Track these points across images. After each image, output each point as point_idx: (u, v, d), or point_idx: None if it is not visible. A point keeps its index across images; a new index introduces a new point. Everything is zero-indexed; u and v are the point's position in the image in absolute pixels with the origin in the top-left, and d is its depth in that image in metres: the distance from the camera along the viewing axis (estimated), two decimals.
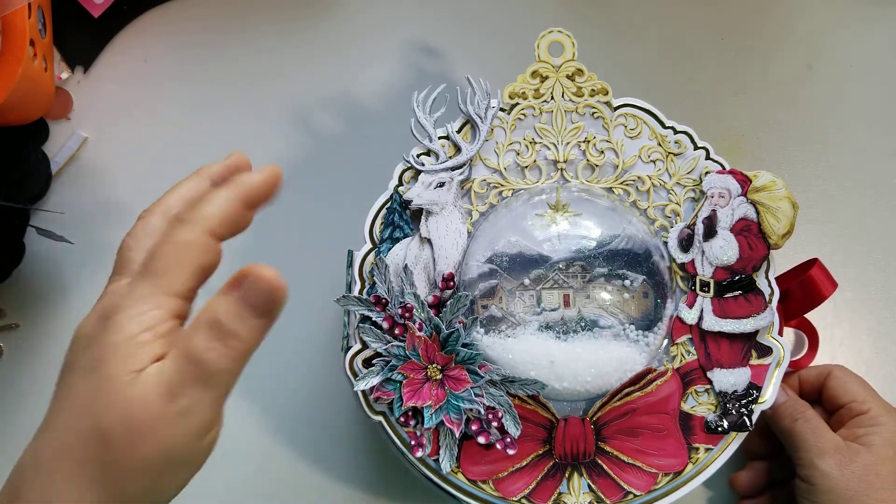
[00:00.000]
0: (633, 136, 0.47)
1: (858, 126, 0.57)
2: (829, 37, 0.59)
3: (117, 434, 0.29)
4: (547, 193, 0.47)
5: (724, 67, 0.58)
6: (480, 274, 0.45)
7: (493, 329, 0.45)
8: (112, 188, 0.56)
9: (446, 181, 0.45)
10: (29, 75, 0.49)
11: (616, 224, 0.46)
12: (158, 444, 0.29)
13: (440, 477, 0.45)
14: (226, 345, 0.30)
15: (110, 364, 0.29)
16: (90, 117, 0.57)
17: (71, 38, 0.57)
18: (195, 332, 0.30)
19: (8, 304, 0.55)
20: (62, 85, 0.57)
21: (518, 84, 0.47)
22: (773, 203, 0.45)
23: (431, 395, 0.43)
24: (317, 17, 0.58)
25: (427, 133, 0.46)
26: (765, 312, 0.45)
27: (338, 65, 0.58)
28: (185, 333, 0.30)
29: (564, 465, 0.45)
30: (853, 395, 0.47)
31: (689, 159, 0.47)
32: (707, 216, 0.46)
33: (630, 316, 0.45)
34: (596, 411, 0.45)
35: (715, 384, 0.45)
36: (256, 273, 0.30)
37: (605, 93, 0.47)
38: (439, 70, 0.57)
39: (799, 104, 0.58)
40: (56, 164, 0.56)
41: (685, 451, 0.45)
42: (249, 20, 0.58)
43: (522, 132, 0.47)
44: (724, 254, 0.45)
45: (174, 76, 0.57)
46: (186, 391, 0.29)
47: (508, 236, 0.46)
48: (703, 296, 0.46)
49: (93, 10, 0.56)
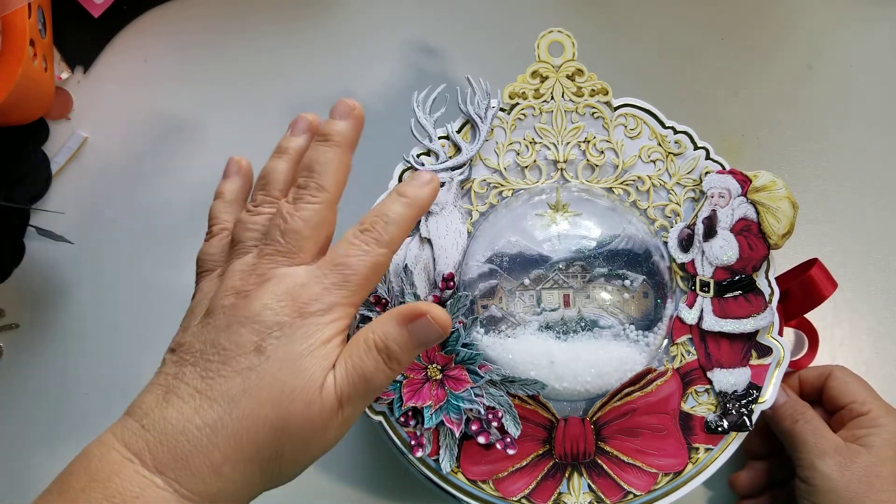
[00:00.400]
0: (633, 136, 0.47)
1: (858, 126, 0.57)
2: (829, 37, 0.59)
3: (297, 430, 0.32)
4: (547, 193, 0.47)
5: (724, 67, 0.58)
6: (480, 274, 0.45)
7: (493, 329, 0.45)
8: (112, 188, 0.56)
9: (446, 181, 0.45)
10: (29, 75, 0.49)
11: (616, 224, 0.46)
12: (323, 446, 0.33)
13: (440, 477, 0.45)
14: (390, 368, 0.33)
15: (306, 363, 0.32)
16: (90, 117, 0.57)
17: (71, 38, 0.57)
18: (367, 354, 0.33)
19: (8, 304, 0.55)
20: (62, 85, 0.57)
21: (518, 84, 0.47)
22: (773, 203, 0.45)
23: (431, 395, 0.43)
24: (317, 17, 0.58)
25: (427, 133, 0.46)
26: (765, 312, 0.45)
27: (338, 65, 0.58)
28: (355, 350, 0.33)
29: (564, 465, 0.45)
30: (854, 395, 0.47)
31: (688, 159, 0.47)
32: (707, 216, 0.46)
33: (630, 316, 0.45)
34: (596, 411, 0.45)
35: (715, 384, 0.45)
36: (433, 315, 0.33)
37: (605, 93, 0.47)
38: (439, 70, 0.57)
39: (799, 104, 0.58)
40: (56, 164, 0.56)
41: (685, 451, 0.45)
42: (249, 20, 0.58)
43: (522, 132, 0.47)
44: (724, 254, 0.45)
45: (174, 76, 0.57)
46: (352, 403, 0.33)
47: (508, 236, 0.46)
48: (703, 296, 0.46)
49: (93, 10, 0.56)
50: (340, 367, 0.33)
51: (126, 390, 0.54)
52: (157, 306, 0.55)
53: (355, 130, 0.37)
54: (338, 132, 0.37)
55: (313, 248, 0.35)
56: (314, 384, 0.32)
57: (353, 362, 0.33)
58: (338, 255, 0.34)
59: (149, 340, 0.55)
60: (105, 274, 0.55)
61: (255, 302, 0.32)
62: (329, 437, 0.33)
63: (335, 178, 0.36)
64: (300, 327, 0.32)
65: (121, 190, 0.56)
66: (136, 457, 0.30)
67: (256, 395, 0.31)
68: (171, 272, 0.55)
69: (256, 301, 0.32)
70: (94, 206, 0.56)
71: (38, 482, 0.53)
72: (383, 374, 0.33)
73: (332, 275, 0.33)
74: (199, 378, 0.32)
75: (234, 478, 0.31)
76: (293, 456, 0.32)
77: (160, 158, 0.56)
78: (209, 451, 0.30)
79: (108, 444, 0.31)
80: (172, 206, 0.56)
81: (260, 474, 0.32)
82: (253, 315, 0.32)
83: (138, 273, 0.55)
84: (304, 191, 0.35)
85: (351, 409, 0.33)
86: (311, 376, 0.32)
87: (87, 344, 0.55)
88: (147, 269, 0.55)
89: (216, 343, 0.32)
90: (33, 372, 0.54)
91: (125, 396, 0.54)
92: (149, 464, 0.30)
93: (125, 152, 0.56)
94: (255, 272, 0.33)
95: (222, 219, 0.39)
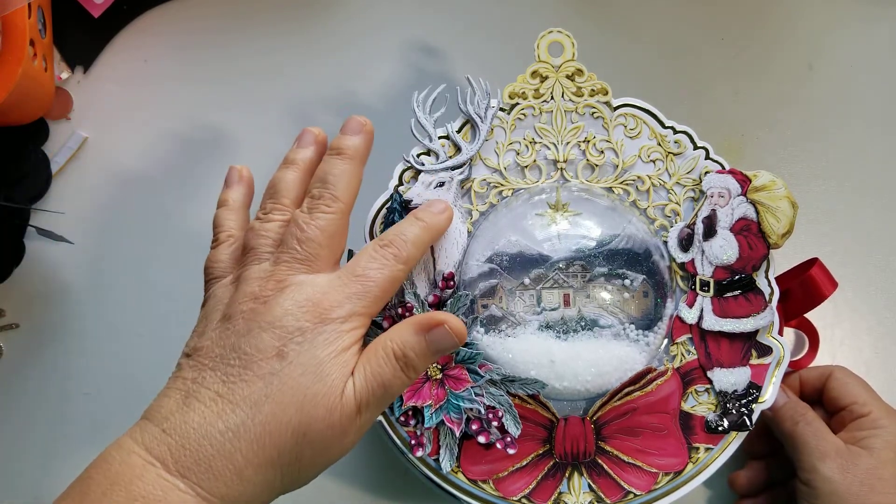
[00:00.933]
0: (632, 136, 0.47)
1: (858, 126, 0.57)
2: (829, 37, 0.59)
3: (318, 435, 0.32)
4: (547, 193, 0.47)
5: (724, 67, 0.58)
6: (480, 273, 0.45)
7: (493, 328, 0.45)
8: (112, 188, 0.56)
9: (446, 181, 0.45)
10: (29, 75, 0.49)
11: (616, 224, 0.46)
12: (341, 451, 0.34)
13: (440, 477, 0.45)
14: (407, 375, 0.35)
15: (328, 369, 0.33)
16: (90, 117, 0.57)
17: (71, 38, 0.57)
18: (386, 362, 0.34)
19: (8, 304, 0.55)
20: (62, 85, 0.57)
21: (518, 84, 0.47)
22: (773, 203, 0.45)
23: (431, 395, 0.43)
24: (317, 17, 0.58)
25: (427, 133, 0.46)
26: (765, 312, 0.45)
27: (338, 65, 0.58)
28: (374, 358, 0.34)
29: (565, 465, 0.45)
30: (854, 396, 0.47)
31: (688, 159, 0.47)
32: (707, 216, 0.46)
33: (630, 315, 0.45)
34: (596, 411, 0.45)
35: (715, 384, 0.45)
36: (451, 325, 0.35)
37: (605, 93, 0.47)
38: (439, 70, 0.57)
39: (799, 104, 0.58)
40: (56, 164, 0.56)
41: (685, 451, 0.45)
42: (249, 20, 0.58)
43: (522, 132, 0.47)
44: (723, 253, 0.45)
45: (174, 76, 0.57)
46: (370, 409, 0.34)
47: (508, 236, 0.46)
48: (703, 295, 0.46)
49: (93, 10, 0.56)
50: (359, 374, 0.34)
51: (126, 390, 0.54)
52: (157, 306, 0.55)
53: (366, 145, 0.39)
54: (350, 146, 0.38)
55: (329, 256, 0.36)
56: (335, 390, 0.32)
57: (371, 369, 0.34)
58: (358, 267, 0.35)
59: (149, 340, 0.55)
60: (105, 274, 0.55)
61: (276, 307, 0.33)
62: (347, 442, 0.34)
63: (349, 189, 0.37)
64: (321, 333, 0.33)
65: (121, 190, 0.56)
66: (157, 460, 0.31)
67: (279, 399, 0.32)
68: (170, 272, 0.55)
69: (277, 307, 0.33)
70: (94, 206, 0.56)
71: (37, 482, 0.53)
72: (400, 380, 0.34)
73: (353, 284, 0.34)
74: (220, 382, 0.32)
75: (255, 481, 0.31)
76: (312, 460, 0.33)
77: (160, 158, 0.56)
78: (232, 455, 0.31)
79: (128, 448, 0.31)
80: (172, 205, 0.56)
81: (280, 477, 0.32)
82: (274, 320, 0.33)
83: (138, 273, 0.55)
84: (318, 201, 0.36)
85: (368, 415, 0.34)
86: (332, 382, 0.32)
87: (87, 344, 0.55)
88: (147, 269, 0.55)
89: (237, 347, 0.33)
90: (33, 372, 0.54)
91: (125, 396, 0.54)
92: (171, 467, 0.31)
93: (125, 152, 0.57)
94: (273, 278, 0.34)
95: (228, 226, 0.40)
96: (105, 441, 0.33)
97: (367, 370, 0.34)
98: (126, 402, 0.55)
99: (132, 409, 0.55)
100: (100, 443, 0.53)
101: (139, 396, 0.56)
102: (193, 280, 0.55)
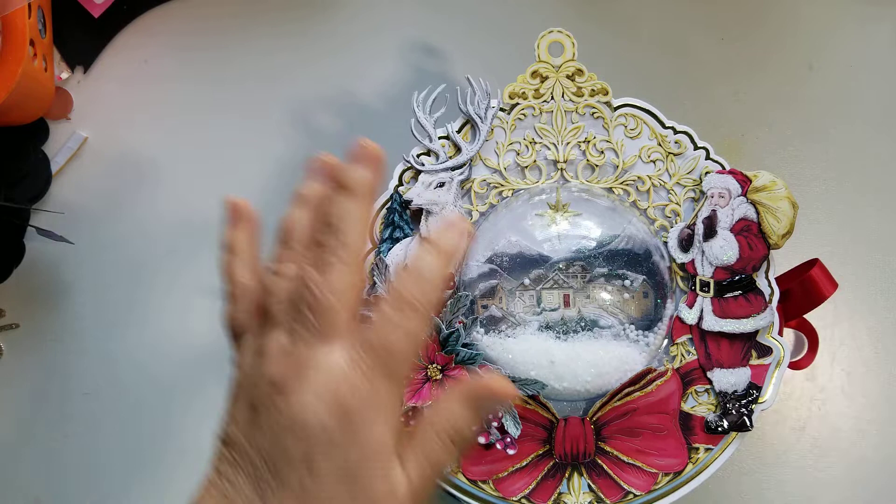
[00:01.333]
0: (633, 136, 0.47)
1: (858, 126, 0.57)
2: (829, 37, 0.59)
3: None
4: (547, 193, 0.47)
5: (724, 67, 0.58)
6: (480, 274, 0.45)
7: (493, 329, 0.45)
8: (112, 188, 0.56)
9: (446, 181, 0.45)
10: (29, 75, 0.49)
11: (616, 224, 0.46)
12: None
13: (440, 477, 0.45)
14: (458, 448, 0.31)
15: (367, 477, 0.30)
16: (90, 117, 0.57)
17: (71, 38, 0.57)
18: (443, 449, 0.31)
19: (8, 304, 0.55)
20: (62, 85, 0.57)
21: (518, 84, 0.47)
22: (773, 203, 0.45)
23: (431, 395, 0.43)
24: (317, 17, 0.58)
25: (427, 133, 0.46)
26: (765, 312, 0.45)
27: (338, 65, 0.58)
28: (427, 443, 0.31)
29: (564, 465, 0.45)
30: None
31: (688, 159, 0.47)
32: (707, 216, 0.46)
33: (630, 316, 0.45)
34: (596, 411, 0.45)
35: (715, 384, 0.45)
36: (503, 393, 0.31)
37: (605, 93, 0.47)
38: (439, 70, 0.57)
39: (799, 104, 0.58)
40: (56, 164, 0.56)
41: (685, 451, 0.45)
42: (250, 20, 0.58)
43: (522, 132, 0.47)
44: (724, 254, 0.45)
45: (174, 76, 0.57)
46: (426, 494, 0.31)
47: (508, 236, 0.46)
48: (703, 296, 0.46)
49: (93, 10, 0.56)
50: (412, 465, 0.31)
51: (126, 390, 0.54)
52: (157, 306, 0.55)
53: (377, 176, 0.34)
54: (358, 181, 0.33)
55: (346, 316, 0.32)
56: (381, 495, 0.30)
57: (426, 456, 0.31)
58: (377, 337, 0.31)
59: (149, 340, 0.55)
60: (105, 274, 0.55)
61: (295, 404, 0.30)
62: None
63: (359, 234, 0.33)
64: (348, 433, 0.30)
65: (120, 190, 0.56)
66: None
67: None
68: (170, 272, 0.55)
69: (296, 403, 0.30)
70: (94, 206, 0.56)
71: (37, 482, 0.53)
72: (453, 455, 0.32)
73: (375, 364, 0.31)
74: (252, 489, 0.30)
75: None
76: None
77: (160, 159, 0.56)
78: None
79: None
80: (172, 206, 0.56)
81: None
82: (295, 419, 0.30)
83: (138, 273, 0.55)
84: (327, 253, 0.32)
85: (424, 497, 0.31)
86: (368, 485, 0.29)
87: (87, 344, 0.55)
88: (147, 269, 0.55)
89: (263, 449, 0.30)
90: (33, 372, 0.54)
91: (125, 396, 0.54)
92: None
93: (125, 152, 0.56)
94: (291, 357, 0.31)
95: (239, 279, 0.36)
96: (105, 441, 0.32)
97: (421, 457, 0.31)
98: (126, 402, 0.55)
99: (132, 409, 0.56)
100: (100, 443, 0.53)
101: (139, 396, 0.56)
102: (193, 280, 0.55)
